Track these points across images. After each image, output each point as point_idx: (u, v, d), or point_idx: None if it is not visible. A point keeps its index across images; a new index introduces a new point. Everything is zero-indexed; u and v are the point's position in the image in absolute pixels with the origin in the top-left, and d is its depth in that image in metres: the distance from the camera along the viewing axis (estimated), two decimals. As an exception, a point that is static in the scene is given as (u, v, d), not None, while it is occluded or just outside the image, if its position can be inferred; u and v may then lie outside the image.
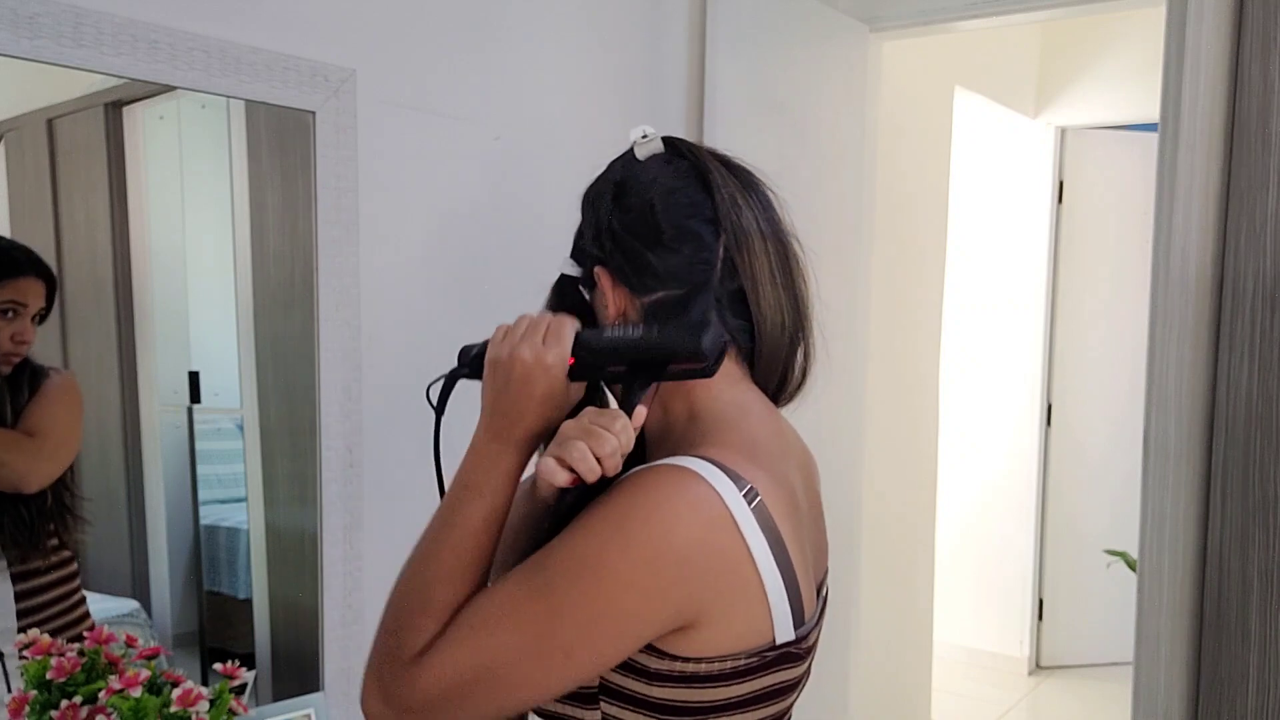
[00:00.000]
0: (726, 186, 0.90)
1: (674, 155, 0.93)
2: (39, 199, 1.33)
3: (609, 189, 0.93)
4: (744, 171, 0.94)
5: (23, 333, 1.28)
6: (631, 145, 0.94)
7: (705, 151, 0.93)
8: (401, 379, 1.67)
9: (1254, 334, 1.73)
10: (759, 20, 2.25)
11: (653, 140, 0.93)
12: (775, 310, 0.89)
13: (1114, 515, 3.98)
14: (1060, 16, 2.74)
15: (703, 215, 0.89)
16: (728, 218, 0.88)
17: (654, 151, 0.93)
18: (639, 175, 0.92)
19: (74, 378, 1.37)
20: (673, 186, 0.90)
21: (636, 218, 0.90)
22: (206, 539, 1.52)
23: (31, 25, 1.19)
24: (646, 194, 0.90)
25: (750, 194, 0.91)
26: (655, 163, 0.92)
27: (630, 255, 0.90)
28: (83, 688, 1.14)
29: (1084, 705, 4.08)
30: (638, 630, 0.77)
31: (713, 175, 0.90)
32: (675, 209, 0.89)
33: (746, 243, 0.88)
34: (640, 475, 0.79)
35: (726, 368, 0.88)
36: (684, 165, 0.91)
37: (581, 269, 0.95)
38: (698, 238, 0.88)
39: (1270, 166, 1.72)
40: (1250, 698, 1.75)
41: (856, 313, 2.65)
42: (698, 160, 0.91)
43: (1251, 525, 1.73)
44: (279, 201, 1.55)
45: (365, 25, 1.58)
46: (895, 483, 3.21)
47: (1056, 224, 4.23)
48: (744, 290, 0.88)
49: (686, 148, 0.93)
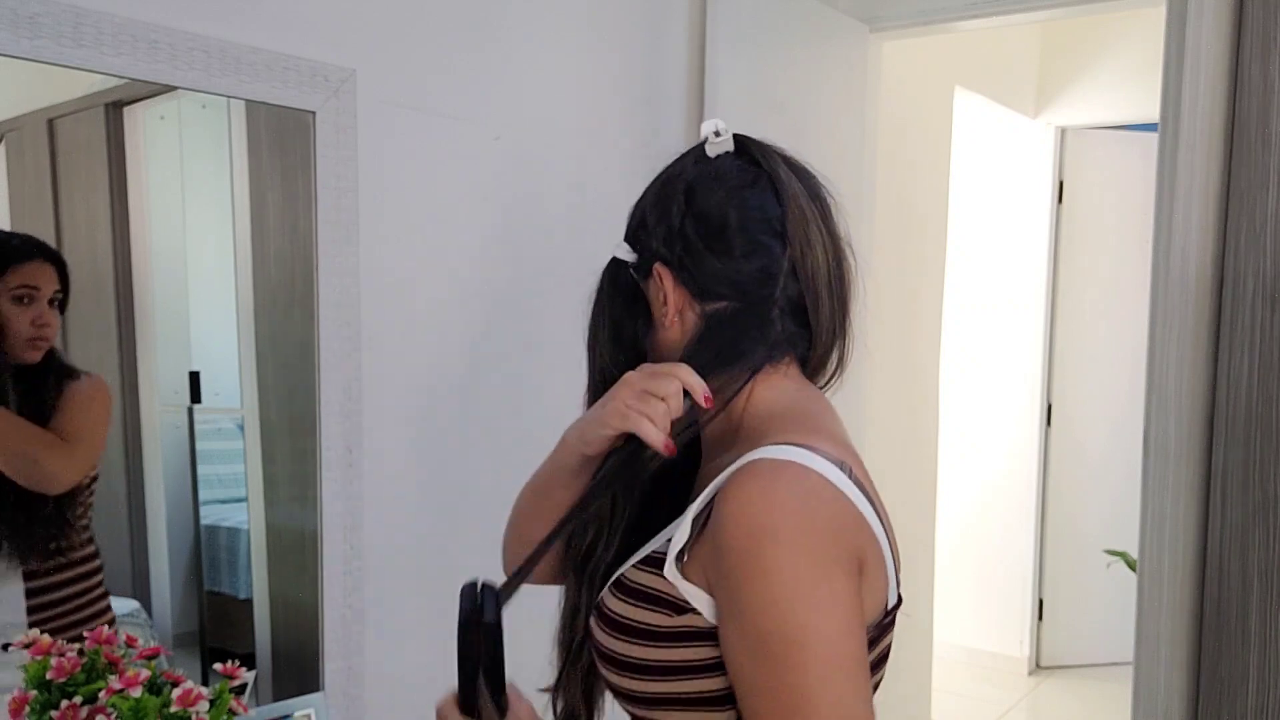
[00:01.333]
0: (796, 197, 0.90)
1: (746, 160, 0.93)
2: (40, 199, 1.33)
3: (681, 188, 0.93)
4: (809, 177, 0.94)
5: (42, 316, 1.29)
6: (703, 141, 0.94)
7: (775, 155, 0.93)
8: (401, 379, 1.67)
9: (1254, 334, 1.73)
10: (759, 20, 2.25)
11: (725, 139, 0.93)
12: (829, 319, 0.92)
13: (1114, 515, 3.97)
14: (1060, 16, 2.74)
15: (773, 228, 0.90)
16: (796, 232, 0.89)
17: (725, 150, 0.93)
18: (712, 179, 0.92)
19: (104, 381, 1.38)
20: (748, 200, 0.90)
21: (711, 228, 0.90)
22: (207, 539, 1.52)
23: (31, 25, 1.19)
24: (723, 205, 0.90)
25: (815, 203, 0.92)
26: (727, 166, 0.92)
27: (700, 261, 0.90)
28: (83, 688, 1.14)
29: (1084, 705, 4.08)
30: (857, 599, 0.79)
31: (783, 185, 0.90)
32: (750, 224, 0.90)
33: (810, 255, 0.90)
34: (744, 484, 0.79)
35: (783, 366, 0.91)
36: (757, 172, 0.92)
37: (637, 256, 0.95)
38: (768, 251, 0.89)
39: (1270, 166, 1.72)
40: (1250, 698, 1.75)
41: (856, 313, 2.64)
42: (770, 166, 0.92)
43: (1251, 525, 1.73)
44: (279, 201, 1.55)
45: (365, 25, 1.58)
46: (895, 482, 3.21)
47: (1056, 224, 4.23)
48: (804, 298, 0.90)
49: (758, 150, 0.93)
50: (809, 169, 0.95)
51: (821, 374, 0.96)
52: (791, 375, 0.92)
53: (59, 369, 1.31)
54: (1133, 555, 2.11)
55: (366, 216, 1.58)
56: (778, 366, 0.91)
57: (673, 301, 0.91)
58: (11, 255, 1.27)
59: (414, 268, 1.69)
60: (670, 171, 0.96)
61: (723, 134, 0.93)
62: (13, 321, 1.27)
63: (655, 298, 0.93)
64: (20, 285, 1.27)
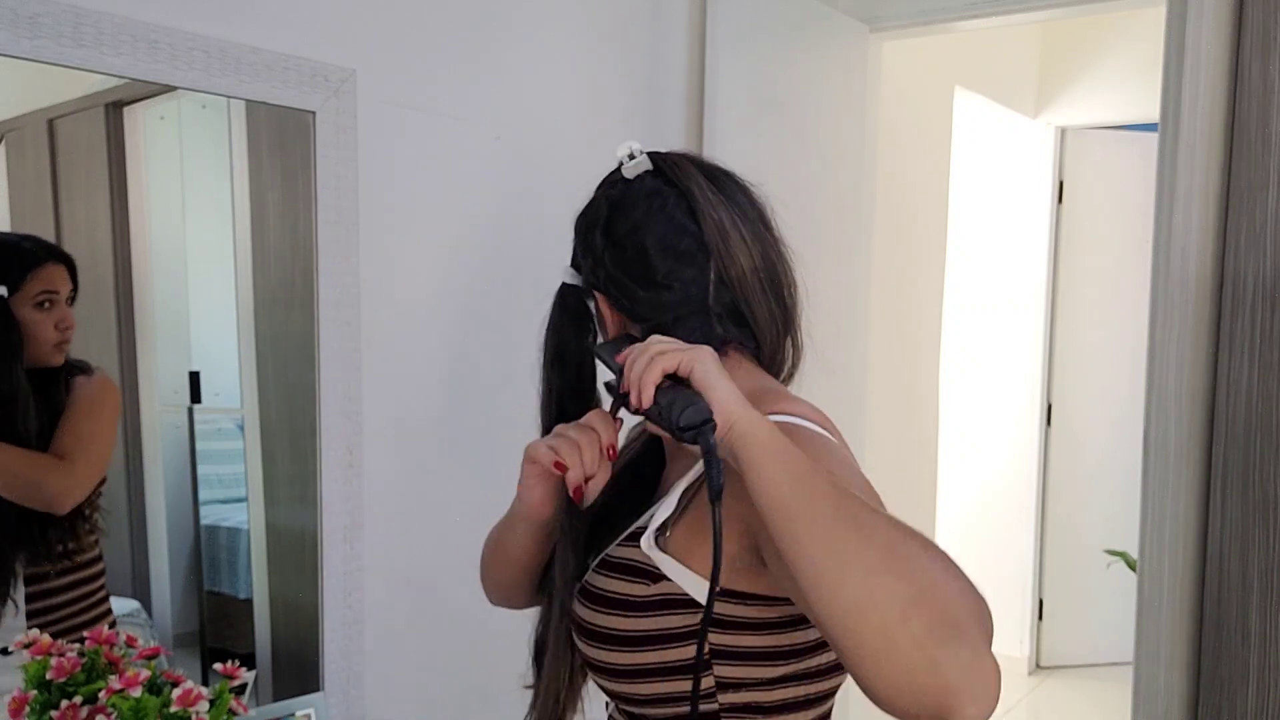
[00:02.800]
0: (713, 209, 0.92)
1: (661, 180, 0.94)
2: (40, 199, 1.33)
3: (600, 219, 0.95)
4: (724, 180, 0.95)
5: (65, 319, 1.29)
6: (619, 165, 0.96)
7: (690, 167, 0.95)
8: (402, 379, 1.67)
9: (1254, 334, 1.73)
10: (759, 20, 2.25)
11: (640, 160, 0.95)
12: (768, 317, 0.94)
13: (1114, 515, 3.97)
14: (1060, 16, 2.74)
15: (693, 246, 0.91)
16: (716, 244, 0.91)
17: (642, 169, 0.95)
18: (628, 205, 0.94)
19: (109, 378, 1.37)
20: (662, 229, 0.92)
21: (630, 258, 0.92)
22: (207, 539, 1.52)
23: (31, 25, 1.19)
24: (638, 232, 0.92)
25: (733, 208, 0.93)
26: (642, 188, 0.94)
27: (625, 289, 0.93)
28: (83, 688, 1.14)
29: (1084, 705, 4.08)
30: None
31: (698, 201, 0.92)
32: (667, 250, 0.91)
33: (734, 263, 0.91)
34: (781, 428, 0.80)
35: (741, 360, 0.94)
36: (671, 193, 0.93)
37: (580, 279, 0.98)
38: (690, 269, 0.91)
39: (1270, 166, 1.72)
40: (1250, 698, 1.75)
41: (856, 313, 2.65)
42: (684, 183, 0.93)
43: (1251, 525, 1.73)
44: (279, 201, 1.55)
45: (365, 25, 1.58)
46: (895, 483, 3.21)
47: (1056, 224, 4.23)
48: (738, 305, 0.92)
49: (670, 167, 0.95)
50: (729, 173, 0.97)
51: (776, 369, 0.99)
52: (747, 369, 0.94)
53: (69, 365, 1.32)
54: (1133, 555, 2.11)
55: (366, 216, 1.58)
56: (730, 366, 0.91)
57: (611, 325, 0.95)
58: (28, 261, 1.27)
59: (414, 268, 1.68)
60: (594, 197, 0.99)
61: (637, 155, 0.95)
62: (38, 328, 1.27)
63: (599, 319, 0.97)
64: (41, 292, 1.27)
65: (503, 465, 1.85)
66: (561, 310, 0.99)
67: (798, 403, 0.89)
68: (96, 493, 1.35)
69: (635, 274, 0.92)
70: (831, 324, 2.43)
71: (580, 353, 0.99)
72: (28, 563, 1.29)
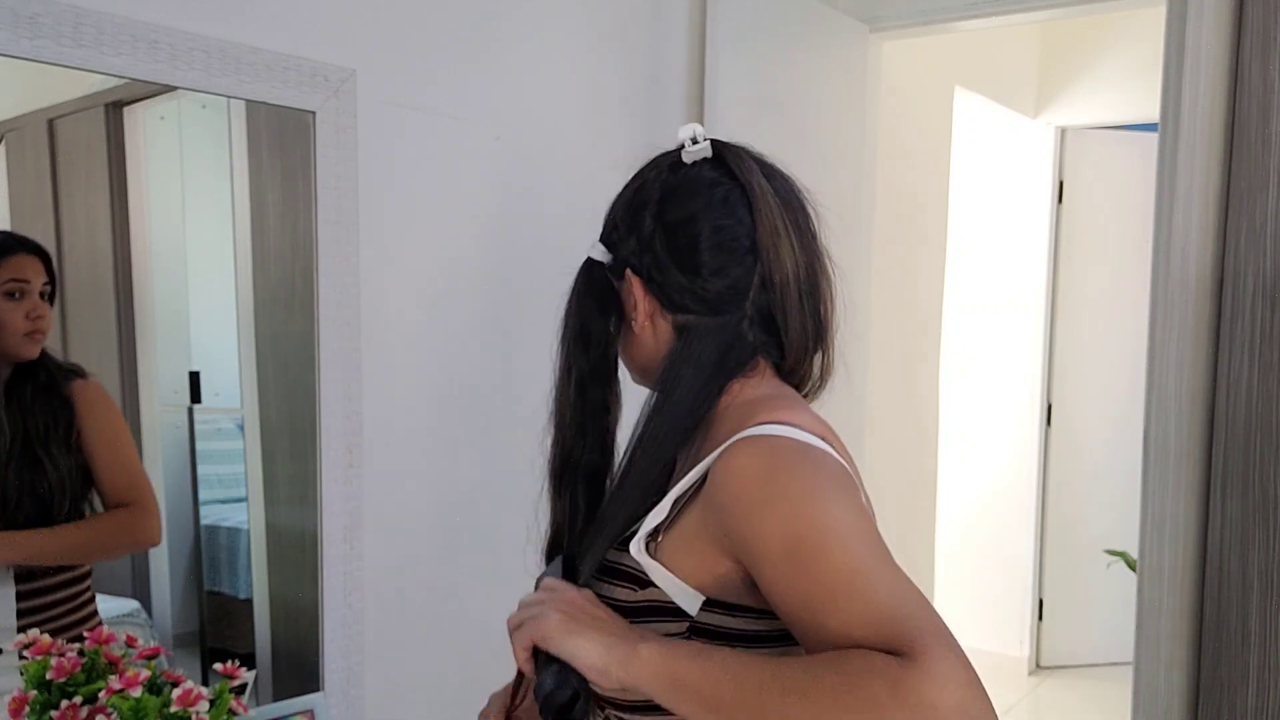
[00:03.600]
0: (769, 211, 0.90)
1: (722, 170, 0.92)
2: (40, 199, 1.33)
3: (654, 197, 0.93)
4: (784, 184, 0.94)
5: (36, 309, 1.28)
6: (680, 147, 0.94)
7: (752, 162, 0.93)
8: (401, 379, 1.67)
9: (1254, 334, 1.73)
10: (759, 20, 2.25)
11: (702, 146, 0.93)
12: (800, 330, 0.92)
13: (1114, 515, 3.97)
14: (1060, 16, 2.74)
15: (744, 245, 0.90)
16: (767, 245, 0.90)
17: (702, 157, 0.93)
18: (685, 191, 0.92)
19: (99, 384, 1.37)
20: (719, 214, 0.90)
21: (680, 244, 0.91)
22: (207, 539, 1.52)
23: (31, 25, 1.19)
24: (694, 220, 0.91)
25: (789, 214, 0.92)
26: (702, 175, 0.92)
27: (668, 276, 0.91)
28: (83, 688, 1.14)
29: (1084, 705, 4.08)
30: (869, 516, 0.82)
31: (757, 197, 0.90)
32: (721, 240, 0.90)
33: (780, 269, 0.90)
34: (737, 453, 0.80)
35: (757, 371, 0.92)
36: (731, 184, 0.91)
37: (612, 257, 0.95)
38: (738, 268, 0.90)
39: (1270, 166, 1.72)
40: (1250, 698, 1.75)
41: (856, 313, 2.65)
42: (745, 176, 0.91)
43: (1251, 525, 1.73)
44: (279, 201, 1.55)
45: (365, 25, 1.58)
46: (895, 483, 3.21)
47: (1056, 224, 4.22)
48: (773, 311, 0.91)
49: (734, 159, 0.93)
50: (788, 176, 0.95)
51: (801, 384, 0.97)
52: (766, 378, 0.93)
53: (58, 367, 1.31)
54: (1133, 555, 2.11)
55: (366, 216, 1.58)
56: (751, 373, 0.92)
57: (643, 308, 0.93)
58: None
59: (414, 268, 1.68)
60: (645, 176, 0.96)
61: (700, 141, 0.93)
62: (7, 316, 1.27)
63: (628, 300, 0.94)
64: (9, 280, 1.27)
65: (503, 465, 1.86)
66: (586, 288, 0.96)
67: (796, 411, 0.87)
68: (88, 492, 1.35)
69: (682, 262, 0.90)
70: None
71: (604, 335, 0.96)
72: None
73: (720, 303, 0.90)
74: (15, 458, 1.27)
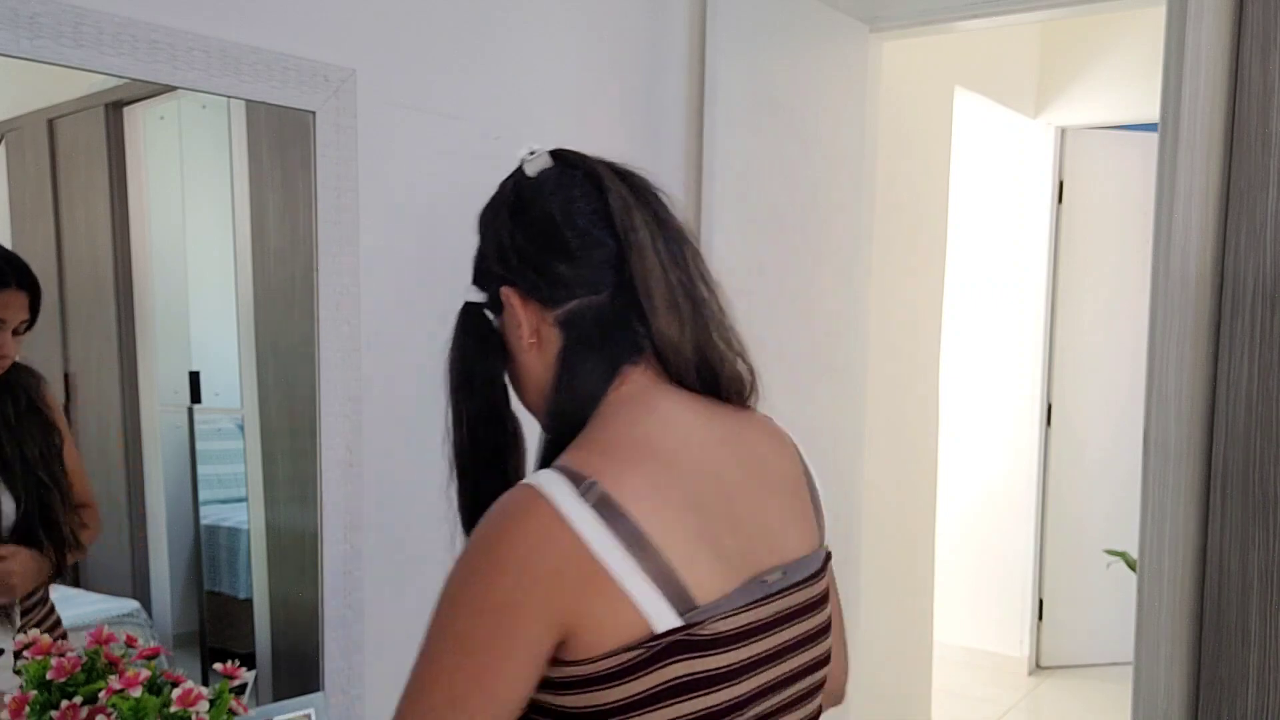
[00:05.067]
0: (618, 189, 0.90)
1: (564, 166, 0.94)
2: (39, 199, 1.33)
3: (505, 206, 0.94)
4: (633, 176, 0.94)
5: (3, 346, 1.25)
6: (520, 163, 0.96)
7: (594, 159, 0.94)
8: (401, 379, 1.67)
9: (1254, 334, 1.74)
10: (759, 20, 2.25)
11: (540, 155, 0.95)
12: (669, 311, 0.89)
13: (1114, 515, 3.98)
14: (1060, 16, 2.74)
15: (602, 219, 0.90)
16: (621, 220, 0.89)
17: (544, 166, 0.94)
18: (533, 190, 0.93)
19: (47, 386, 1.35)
20: (570, 194, 0.91)
21: (539, 230, 0.91)
22: (207, 539, 1.52)
23: (31, 25, 1.19)
24: (546, 206, 0.91)
25: (640, 197, 0.92)
26: (547, 175, 0.93)
27: (538, 268, 0.90)
28: (83, 688, 1.14)
29: (1084, 705, 4.08)
30: (528, 649, 0.78)
31: (603, 179, 0.91)
32: (576, 215, 0.90)
33: (637, 245, 0.88)
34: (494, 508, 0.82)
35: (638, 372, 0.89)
36: (575, 174, 0.92)
37: (486, 293, 0.96)
38: (602, 243, 0.89)
39: (1270, 166, 1.72)
40: (1250, 698, 1.75)
41: (856, 313, 2.65)
42: (587, 166, 0.92)
43: (1251, 525, 1.73)
44: (279, 201, 1.55)
45: (365, 25, 1.58)
46: (895, 483, 3.21)
47: (1056, 224, 4.23)
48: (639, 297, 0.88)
49: (575, 156, 0.94)
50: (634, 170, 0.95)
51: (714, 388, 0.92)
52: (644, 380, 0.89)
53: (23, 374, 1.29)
54: (1133, 555, 2.11)
55: (366, 216, 1.58)
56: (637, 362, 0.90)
57: (525, 320, 0.91)
58: None
59: (414, 268, 1.68)
60: (493, 200, 0.97)
61: (537, 152, 0.95)
62: None
63: (510, 327, 0.93)
64: None
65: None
66: (464, 332, 0.97)
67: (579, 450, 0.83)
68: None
69: (549, 248, 0.90)
70: (831, 325, 2.43)
71: (488, 373, 0.95)
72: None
73: (597, 280, 0.89)
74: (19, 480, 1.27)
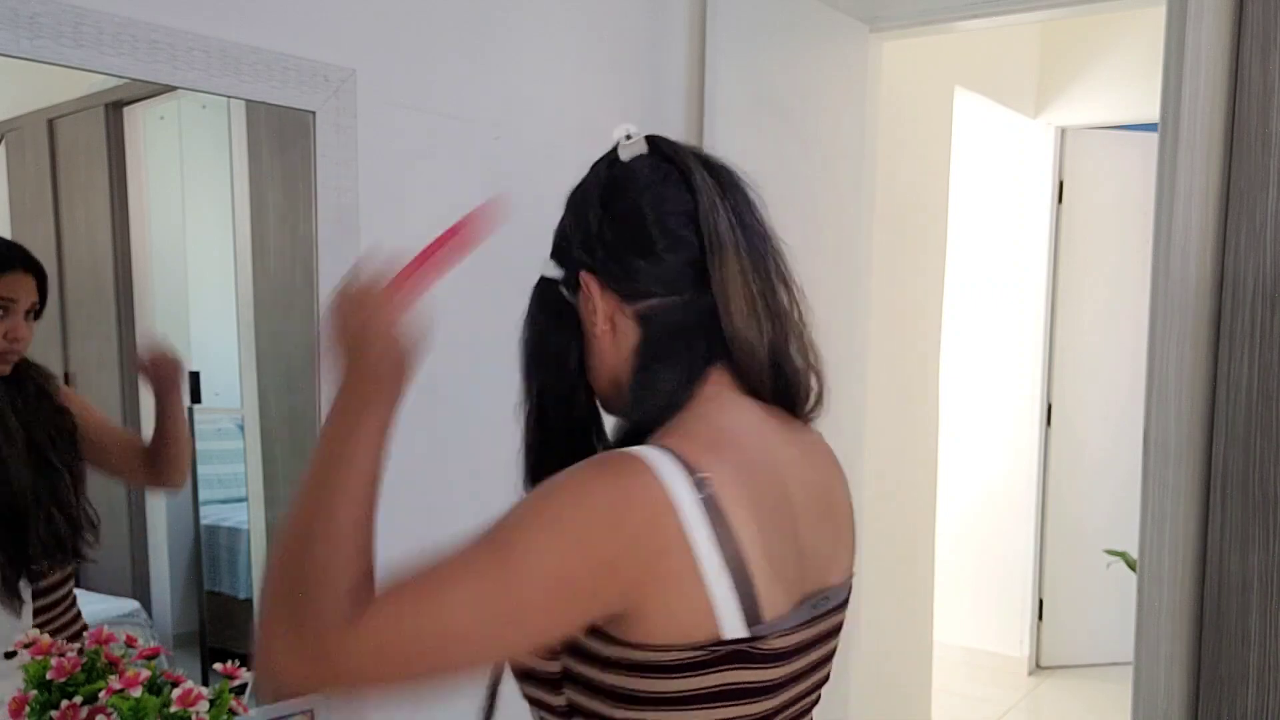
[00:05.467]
0: (707, 190, 0.89)
1: (658, 157, 0.92)
2: (39, 199, 1.33)
3: (596, 193, 0.93)
4: (724, 172, 0.93)
5: (15, 329, 1.25)
6: (615, 146, 0.94)
7: (688, 151, 0.93)
8: (402, 379, 1.67)
9: (1254, 334, 1.74)
10: (759, 20, 2.25)
11: (636, 141, 0.93)
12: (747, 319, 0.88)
13: (1114, 515, 3.97)
14: (1060, 16, 2.74)
15: (690, 221, 0.89)
16: (707, 224, 0.88)
17: (638, 153, 0.93)
18: (626, 180, 0.92)
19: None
20: (662, 193, 0.90)
21: (627, 226, 0.90)
22: (207, 539, 1.52)
23: (31, 25, 1.19)
24: (637, 201, 0.90)
25: (728, 197, 0.90)
26: (641, 165, 0.92)
27: (621, 263, 0.90)
28: (83, 688, 1.14)
29: (1084, 705, 4.08)
30: (585, 604, 0.77)
31: (695, 177, 0.90)
32: (665, 216, 0.89)
33: (719, 250, 0.88)
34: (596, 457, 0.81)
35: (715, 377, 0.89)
36: (669, 168, 0.91)
37: (564, 271, 0.95)
38: (688, 244, 0.88)
39: (1270, 166, 1.72)
40: (1250, 698, 1.75)
41: (856, 314, 2.65)
42: (681, 161, 0.91)
43: (1251, 525, 1.73)
44: (279, 201, 1.55)
45: (365, 25, 1.58)
46: (895, 483, 3.21)
47: (1056, 224, 4.23)
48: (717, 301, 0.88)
49: (670, 148, 0.93)
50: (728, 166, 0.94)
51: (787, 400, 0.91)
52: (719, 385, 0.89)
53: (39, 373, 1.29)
54: (1133, 555, 2.11)
55: (366, 216, 1.58)
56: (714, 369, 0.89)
57: (601, 309, 0.91)
58: None
59: (414, 268, 1.68)
60: (585, 181, 0.97)
61: (634, 136, 0.93)
62: None
63: (586, 310, 0.93)
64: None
65: (502, 465, 1.85)
66: (540, 305, 0.98)
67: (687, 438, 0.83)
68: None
69: (633, 244, 0.89)
70: (831, 325, 2.42)
71: (560, 349, 0.96)
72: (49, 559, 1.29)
73: (678, 281, 0.88)
74: (31, 467, 1.27)
